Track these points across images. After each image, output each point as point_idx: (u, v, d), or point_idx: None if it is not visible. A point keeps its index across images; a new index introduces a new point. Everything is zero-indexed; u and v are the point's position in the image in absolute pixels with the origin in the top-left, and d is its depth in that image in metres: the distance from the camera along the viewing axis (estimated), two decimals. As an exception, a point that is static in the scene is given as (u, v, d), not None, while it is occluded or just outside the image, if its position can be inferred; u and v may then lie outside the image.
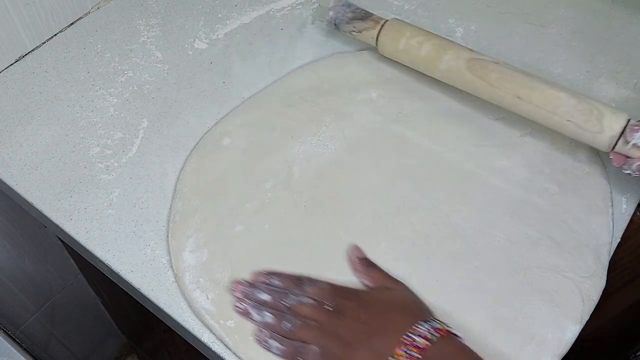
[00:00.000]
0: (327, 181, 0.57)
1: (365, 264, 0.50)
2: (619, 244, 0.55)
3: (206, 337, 0.48)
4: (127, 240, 0.53)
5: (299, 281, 0.48)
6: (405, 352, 0.40)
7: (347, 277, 0.51)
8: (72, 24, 0.70)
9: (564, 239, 0.53)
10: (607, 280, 0.52)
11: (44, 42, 0.68)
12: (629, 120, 0.52)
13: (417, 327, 0.41)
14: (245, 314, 0.47)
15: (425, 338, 0.41)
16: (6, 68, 0.66)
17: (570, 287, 0.50)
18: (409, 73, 0.66)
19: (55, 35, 0.69)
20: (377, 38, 0.63)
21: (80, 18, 0.71)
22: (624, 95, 0.65)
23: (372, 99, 0.63)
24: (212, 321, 0.48)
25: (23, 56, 0.67)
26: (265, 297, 0.47)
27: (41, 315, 0.93)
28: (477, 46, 0.69)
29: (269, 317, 0.46)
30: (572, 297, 0.50)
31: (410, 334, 0.41)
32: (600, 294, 0.51)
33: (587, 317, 0.49)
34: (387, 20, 0.64)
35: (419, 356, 0.40)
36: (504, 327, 0.48)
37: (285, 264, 0.51)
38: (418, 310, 0.45)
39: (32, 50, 0.67)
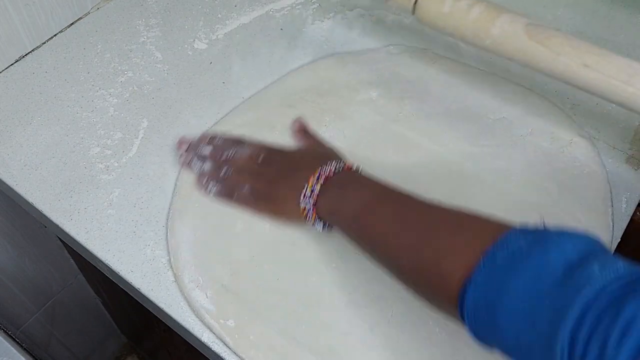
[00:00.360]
0: None
1: (304, 132, 0.59)
2: (619, 244, 0.55)
3: (206, 337, 0.48)
4: (127, 240, 0.53)
5: (238, 141, 0.56)
6: (316, 179, 0.48)
7: (348, 276, 0.51)
8: (72, 24, 0.70)
9: None
10: (606, 280, 0.52)
11: (44, 42, 0.68)
12: None
13: (327, 163, 0.49)
14: (187, 163, 0.56)
15: (332, 171, 0.49)
16: (6, 68, 0.66)
17: None
18: (409, 73, 0.66)
19: (55, 35, 0.69)
20: (415, 1, 0.55)
21: (80, 18, 0.71)
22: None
23: (372, 99, 0.63)
24: (211, 320, 0.48)
25: (23, 56, 0.67)
26: (206, 151, 0.55)
27: (41, 315, 0.93)
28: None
29: (208, 165, 0.55)
30: None
31: (321, 167, 0.49)
32: None
33: None
34: None
35: (318, 179, 0.48)
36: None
37: (286, 263, 0.51)
38: (333, 156, 0.54)
39: (32, 50, 0.67)
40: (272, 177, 0.53)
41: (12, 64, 0.66)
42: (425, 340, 0.48)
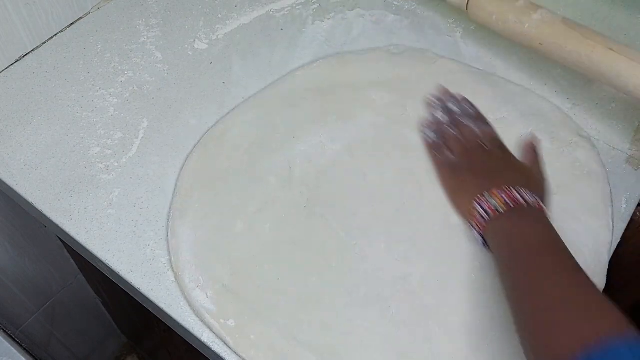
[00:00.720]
0: (328, 181, 0.57)
1: (532, 149, 0.57)
2: (619, 244, 0.55)
3: (206, 337, 0.48)
4: (127, 240, 0.53)
5: (479, 118, 0.59)
6: (499, 192, 0.48)
7: (348, 276, 0.51)
8: (72, 24, 0.70)
9: (563, 239, 0.53)
10: (607, 280, 0.52)
11: (44, 42, 0.68)
12: None
13: (525, 190, 0.48)
14: (431, 105, 0.61)
15: (526, 200, 0.48)
16: (6, 68, 0.66)
17: None
18: (410, 73, 0.66)
19: (55, 35, 0.69)
20: None
21: (80, 18, 0.71)
22: (624, 95, 0.64)
23: (374, 99, 0.63)
24: (212, 320, 0.48)
25: (23, 56, 0.67)
26: (453, 107, 0.60)
27: (41, 315, 0.93)
28: (478, 46, 0.69)
29: (444, 118, 0.59)
30: None
31: (514, 188, 0.48)
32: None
33: None
34: None
35: (507, 202, 0.47)
36: (504, 326, 0.48)
37: (286, 263, 0.51)
38: (539, 185, 0.53)
39: (32, 50, 0.67)
40: (476, 165, 0.54)
41: (12, 64, 0.66)
42: (425, 340, 0.48)
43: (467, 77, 0.66)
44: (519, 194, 0.48)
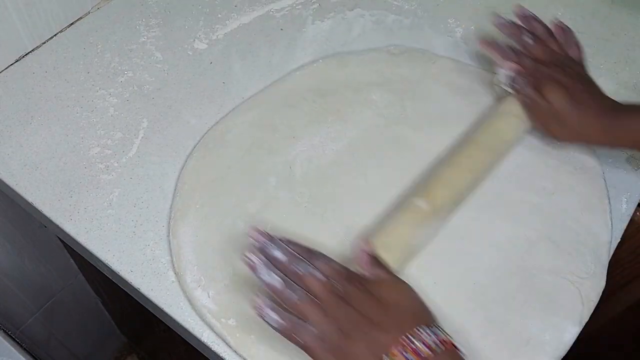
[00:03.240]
0: (328, 182, 0.57)
1: (371, 261, 0.47)
2: (619, 244, 0.55)
3: (206, 337, 0.48)
4: (127, 240, 0.53)
5: (312, 254, 0.46)
6: (402, 353, 0.39)
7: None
8: (72, 24, 0.70)
9: (562, 239, 0.53)
10: (607, 280, 0.52)
11: (44, 42, 0.68)
12: None
13: (418, 330, 0.41)
14: (254, 268, 0.44)
15: (427, 346, 0.40)
16: (6, 68, 0.66)
17: (570, 288, 0.50)
18: (410, 74, 0.66)
19: (55, 35, 0.69)
20: None
21: (80, 18, 0.71)
22: (624, 95, 0.65)
23: (373, 100, 0.63)
24: (213, 320, 0.48)
25: (23, 56, 0.67)
26: (278, 254, 0.44)
27: (41, 315, 0.93)
28: (477, 46, 0.69)
29: (277, 280, 0.43)
30: (572, 299, 0.50)
31: (409, 336, 0.40)
32: (600, 294, 0.51)
33: (586, 319, 0.49)
34: None
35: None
36: (502, 328, 0.48)
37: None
38: (423, 314, 0.44)
39: (32, 50, 0.67)
40: (347, 325, 0.42)
41: (12, 64, 0.66)
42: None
43: (468, 77, 0.66)
44: (420, 341, 0.40)
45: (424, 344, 0.40)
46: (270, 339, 0.47)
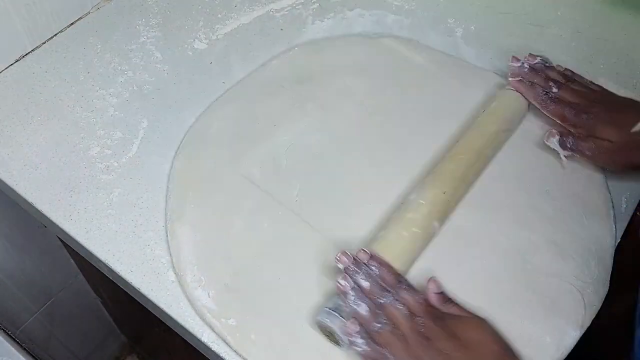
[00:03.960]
0: (316, 175, 0.57)
1: (442, 299, 0.47)
2: (619, 244, 0.55)
3: (206, 337, 0.48)
4: (127, 240, 0.53)
5: (398, 281, 0.47)
6: None
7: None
8: (72, 24, 0.70)
9: (567, 243, 0.53)
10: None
11: (44, 42, 0.68)
12: None
13: None
14: (345, 293, 0.46)
15: None
16: (6, 68, 0.66)
17: (573, 293, 0.50)
18: (387, 59, 0.65)
19: (55, 35, 0.69)
20: None
21: (80, 18, 0.71)
22: (624, 95, 0.64)
23: (349, 87, 0.63)
24: (213, 319, 0.48)
25: (23, 56, 0.67)
26: (364, 283, 0.46)
27: (41, 315, 0.93)
28: (477, 46, 0.69)
29: (365, 308, 0.45)
30: (574, 303, 0.50)
31: None
32: (603, 299, 0.50)
33: (588, 323, 0.49)
34: None
35: None
36: (503, 329, 0.48)
37: (287, 262, 0.51)
38: (505, 355, 0.43)
39: (32, 50, 0.67)
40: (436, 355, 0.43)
41: (12, 64, 0.66)
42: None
43: (457, 71, 0.66)
44: None
45: None
46: (270, 339, 0.47)
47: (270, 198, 0.55)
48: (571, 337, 0.48)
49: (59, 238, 0.61)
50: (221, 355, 0.47)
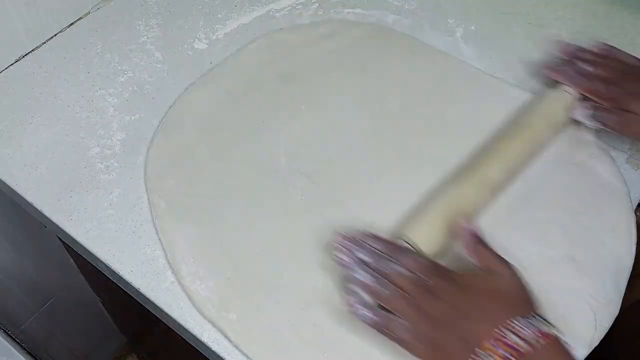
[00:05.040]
0: (323, 176, 0.57)
1: (475, 240, 0.46)
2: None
3: (206, 337, 0.48)
4: (127, 240, 0.53)
5: (399, 250, 0.46)
6: (494, 346, 0.38)
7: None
8: (72, 24, 0.70)
9: (585, 260, 0.52)
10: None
11: (44, 42, 0.68)
12: None
13: (513, 322, 0.38)
14: (348, 267, 0.45)
15: (524, 339, 0.38)
16: (6, 68, 0.66)
17: (586, 311, 0.49)
18: (370, 44, 0.66)
19: (55, 35, 0.69)
20: None
21: (80, 18, 0.71)
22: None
23: (334, 81, 0.64)
24: (213, 313, 0.48)
25: (23, 56, 0.67)
26: (366, 257, 0.45)
27: (41, 315, 0.93)
28: (477, 46, 0.69)
29: (369, 278, 0.44)
30: (586, 321, 0.48)
31: (504, 328, 0.38)
32: (613, 321, 0.49)
33: (596, 343, 0.48)
34: None
35: (511, 358, 0.37)
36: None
37: (287, 257, 0.51)
38: (521, 303, 0.42)
39: (32, 50, 0.67)
40: (438, 317, 0.42)
41: (12, 64, 0.66)
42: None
43: (456, 70, 0.66)
44: (515, 334, 0.38)
45: (519, 337, 0.38)
46: (271, 333, 0.47)
47: (261, 192, 0.55)
48: (579, 354, 0.47)
49: (59, 238, 0.61)
50: (221, 354, 0.47)
